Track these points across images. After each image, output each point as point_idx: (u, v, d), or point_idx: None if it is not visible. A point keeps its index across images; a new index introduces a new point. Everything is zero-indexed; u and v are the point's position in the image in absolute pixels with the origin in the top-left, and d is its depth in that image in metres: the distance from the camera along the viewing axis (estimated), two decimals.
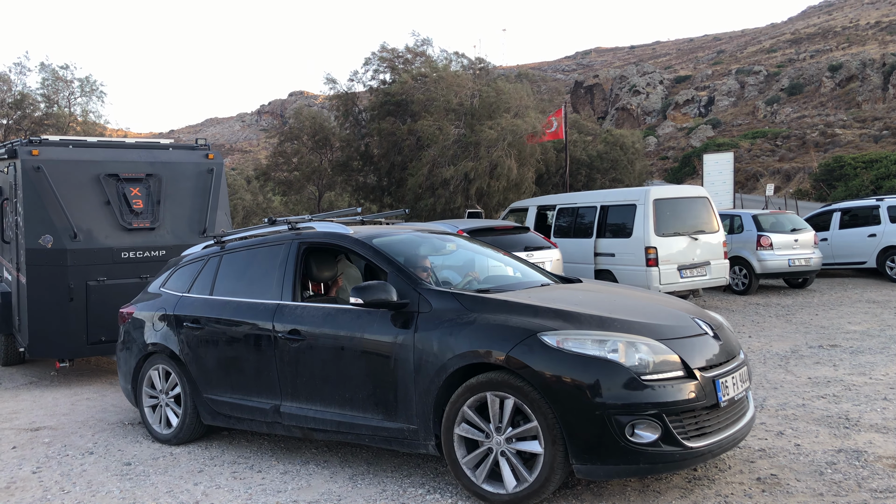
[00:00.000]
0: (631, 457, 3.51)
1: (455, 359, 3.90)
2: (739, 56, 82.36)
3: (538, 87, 31.86)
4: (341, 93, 24.52)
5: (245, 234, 5.68)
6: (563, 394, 3.57)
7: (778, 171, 39.28)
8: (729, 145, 43.50)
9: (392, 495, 4.13)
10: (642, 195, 10.84)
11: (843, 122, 45.62)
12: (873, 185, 27.53)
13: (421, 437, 4.10)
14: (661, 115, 67.61)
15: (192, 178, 8.27)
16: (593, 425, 3.52)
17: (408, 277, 4.37)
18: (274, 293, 4.93)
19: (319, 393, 4.55)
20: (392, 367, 4.17)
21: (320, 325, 4.56)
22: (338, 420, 4.45)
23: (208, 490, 4.40)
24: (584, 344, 3.66)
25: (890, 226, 13.61)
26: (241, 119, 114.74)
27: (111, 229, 7.67)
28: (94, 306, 7.51)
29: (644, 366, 3.60)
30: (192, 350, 5.28)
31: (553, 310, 3.95)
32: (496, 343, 3.80)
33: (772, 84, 63.53)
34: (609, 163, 25.14)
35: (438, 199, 20.40)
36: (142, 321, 5.77)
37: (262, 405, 4.86)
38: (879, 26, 71.96)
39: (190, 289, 5.59)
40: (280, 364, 4.73)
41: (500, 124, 19.85)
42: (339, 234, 4.95)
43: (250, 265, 5.29)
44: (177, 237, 7.96)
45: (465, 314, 4.01)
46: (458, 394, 3.89)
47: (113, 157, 7.90)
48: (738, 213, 13.89)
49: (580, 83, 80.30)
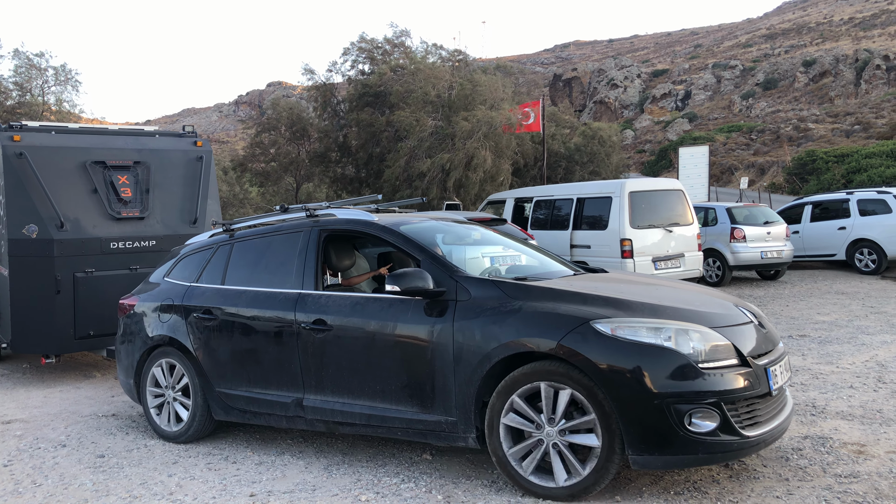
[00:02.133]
0: (690, 447, 3.45)
1: (500, 348, 3.78)
2: (716, 51, 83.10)
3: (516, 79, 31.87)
4: (319, 83, 24.37)
5: (255, 222, 5.49)
6: (620, 383, 3.49)
7: (752, 165, 39.79)
8: (705, 139, 43.94)
9: (367, 484, 4.16)
10: (618, 188, 10.93)
11: (816, 116, 46.27)
12: (844, 179, 27.99)
13: (460, 430, 3.97)
14: (638, 109, 68.04)
15: (182, 165, 8.02)
16: (652, 415, 3.44)
17: (443, 265, 4.22)
18: (294, 282, 4.73)
19: (347, 385, 4.37)
20: (429, 357, 4.03)
21: (348, 315, 4.38)
22: (367, 413, 4.28)
23: (182, 481, 4.40)
24: (639, 332, 3.58)
25: (859, 219, 13.87)
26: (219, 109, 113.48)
27: (99, 218, 7.38)
28: (82, 299, 7.22)
29: (700, 354, 3.54)
30: (204, 342, 5.06)
31: (602, 297, 3.86)
32: (546, 331, 3.69)
33: (747, 79, 64.21)
34: (587, 155, 25.26)
35: (416, 190, 20.39)
36: (145, 313, 5.54)
37: (282, 399, 4.66)
38: (853, 22, 72.99)
39: (198, 278, 5.36)
40: (303, 355, 4.54)
41: (476, 116, 19.88)
42: (364, 221, 4.75)
43: (266, 253, 5.07)
44: (167, 227, 7.72)
45: (509, 302, 3.89)
46: (505, 384, 3.77)
47: (99, 144, 7.62)
48: (713, 206, 14.07)
49: (559, 76, 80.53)
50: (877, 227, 13.55)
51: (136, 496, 4.19)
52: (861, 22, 71.48)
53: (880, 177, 25.90)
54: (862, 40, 62.47)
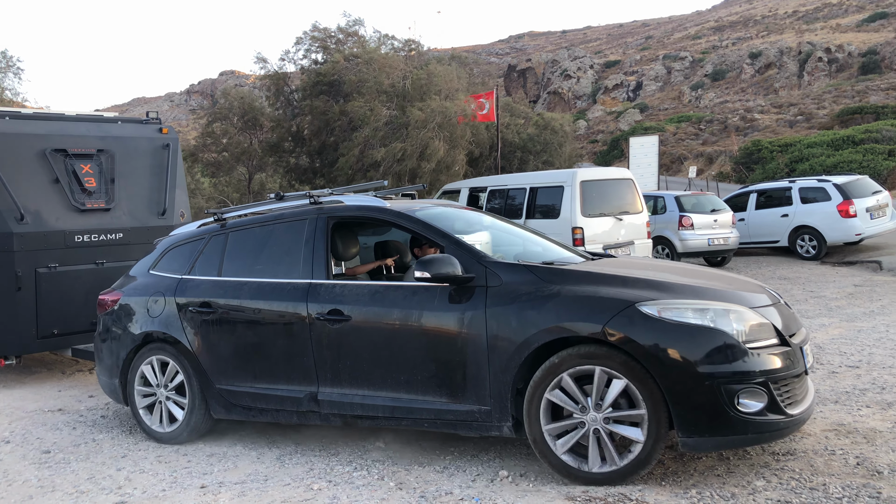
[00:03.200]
0: (740, 427, 3.46)
1: (540, 334, 3.70)
2: (666, 42, 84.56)
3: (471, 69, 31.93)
4: (272, 72, 24.03)
5: (248, 211, 5.27)
6: (671, 365, 3.47)
7: (701, 155, 40.69)
8: (655, 129, 44.74)
9: (319, 473, 4.18)
10: (569, 177, 11.09)
11: (762, 107, 47.53)
12: (788, 168, 28.85)
13: (495, 419, 3.88)
14: (591, 100, 68.88)
15: (148, 154, 7.63)
16: (703, 396, 3.44)
17: (468, 251, 4.11)
18: (302, 272, 4.53)
19: (368, 377, 4.22)
20: (459, 345, 3.92)
21: (368, 304, 4.23)
22: (391, 405, 4.14)
23: (132, 475, 4.34)
24: (685, 313, 3.57)
25: (801, 206, 14.34)
26: (170, 99, 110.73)
27: (62, 210, 6.92)
28: (46, 296, 6.77)
29: (744, 334, 3.55)
30: (202, 337, 4.82)
31: (643, 280, 3.82)
32: (590, 315, 3.63)
33: (696, 70, 65.54)
34: (540, 145, 25.51)
35: (370, 180, 20.33)
36: (132, 308, 5.22)
37: (293, 394, 4.46)
38: (796, 15, 75.07)
39: (190, 270, 5.09)
40: (317, 347, 4.36)
41: (431, 106, 19.89)
42: (377, 208, 4.59)
43: (267, 243, 4.85)
44: (135, 218, 7.36)
45: (545, 286, 3.82)
46: (543, 373, 3.69)
47: (58, 131, 7.13)
48: (662, 195, 14.38)
49: (513, 67, 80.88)
50: (817, 215, 14.03)
51: (82, 491, 4.13)
52: (804, 15, 73.59)
53: (821, 165, 26.79)
54: (805, 33, 64.33)
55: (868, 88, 43.02)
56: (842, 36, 60.19)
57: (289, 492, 3.91)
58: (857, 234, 13.68)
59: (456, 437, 4.60)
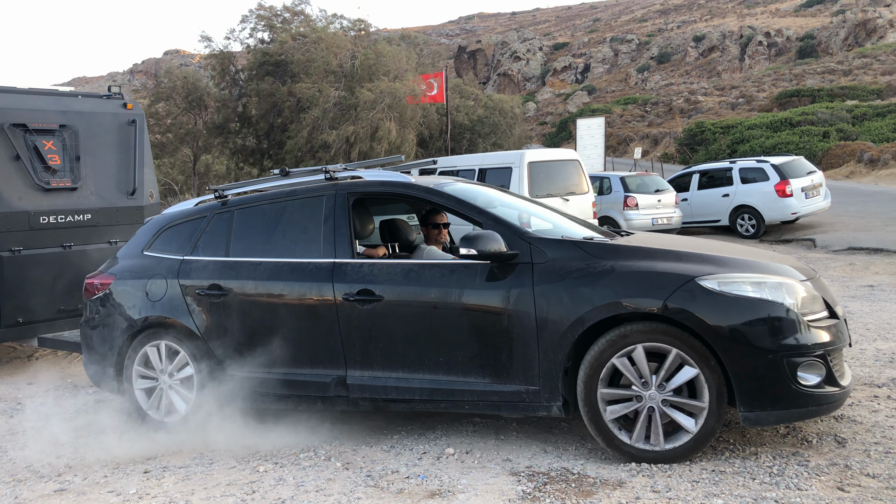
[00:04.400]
0: (801, 400, 3.47)
1: (596, 311, 3.61)
2: (614, 25, 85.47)
3: (420, 50, 31.75)
4: (217, 52, 23.46)
5: (252, 188, 4.96)
6: (734, 340, 3.45)
7: (647, 136, 41.44)
8: (603, 111, 45.34)
9: (265, 455, 4.17)
10: (517, 158, 11.18)
11: (705, 89, 48.59)
12: (729, 150, 29.65)
13: (543, 399, 3.77)
14: (540, 82, 69.29)
15: (113, 130, 7.18)
16: (766, 370, 3.44)
17: (508, 227, 3.97)
18: (323, 250, 4.31)
19: (402, 359, 4.05)
20: (505, 324, 3.80)
21: (401, 284, 4.05)
22: (429, 388, 3.99)
23: (72, 462, 4.26)
24: (742, 287, 3.55)
25: (741, 186, 14.78)
26: (113, 78, 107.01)
27: (25, 189, 6.42)
28: (9, 282, 6.31)
29: (801, 306, 3.55)
30: (211, 321, 4.51)
31: (696, 254, 3.79)
32: (649, 291, 3.57)
33: (643, 52, 66.52)
34: (489, 127, 25.63)
35: (319, 162, 20.12)
36: (128, 291, 4.84)
37: (319, 378, 4.25)
38: (738, 0, 76.69)
39: (192, 251, 4.75)
40: (346, 329, 4.15)
41: (380, 87, 19.74)
42: (403, 183, 4.38)
43: (279, 221, 4.57)
44: (103, 198, 6.90)
45: (597, 262, 3.73)
46: (601, 347, 3.62)
47: (15, 104, 6.59)
48: (608, 176, 14.63)
49: (463, 48, 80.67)
50: (756, 194, 14.49)
51: (20, 480, 4.04)
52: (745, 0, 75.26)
53: (761, 147, 27.60)
54: (746, 17, 65.88)
55: (805, 72, 44.39)
56: (781, 20, 61.86)
57: (234, 474, 3.90)
58: (793, 213, 14.19)
59: (404, 416, 4.65)
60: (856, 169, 24.29)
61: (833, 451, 3.65)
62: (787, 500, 3.14)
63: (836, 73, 41.91)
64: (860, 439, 3.80)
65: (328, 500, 3.50)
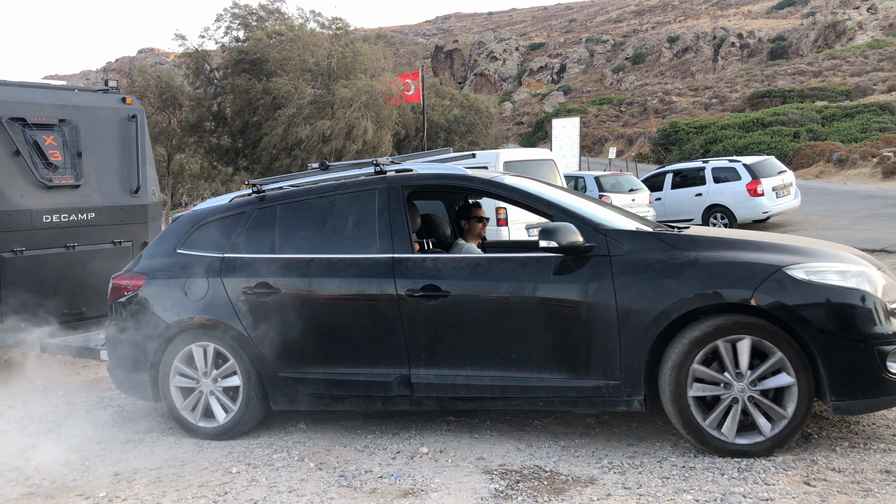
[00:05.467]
0: (890, 388, 3.46)
1: (682, 303, 3.56)
2: (589, 25, 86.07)
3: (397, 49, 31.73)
4: (192, 50, 23.23)
5: (288, 183, 4.78)
6: (824, 329, 3.44)
7: (622, 136, 41.80)
8: (578, 111, 45.63)
9: (238, 456, 4.14)
10: (493, 158, 11.19)
11: (679, 90, 49.13)
12: (703, 149, 30.02)
13: (624, 393, 3.70)
14: (516, 81, 69.57)
15: (114, 126, 6.82)
16: (857, 359, 3.44)
17: (581, 219, 3.89)
18: (380, 246, 4.18)
19: (471, 356, 3.95)
20: (584, 318, 3.73)
21: (469, 279, 3.96)
22: (501, 385, 3.90)
23: (41, 465, 4.19)
24: (828, 276, 3.54)
25: (714, 186, 14.97)
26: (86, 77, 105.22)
27: (27, 186, 6.04)
28: (12, 285, 5.91)
29: (882, 294, 3.55)
30: (260, 321, 4.31)
31: (776, 244, 3.78)
32: (738, 281, 3.54)
33: (618, 53, 67.07)
34: (466, 126, 25.68)
35: (294, 159, 20.02)
36: (163, 291, 4.59)
37: (379, 377, 4.12)
38: (711, 1, 77.66)
39: (233, 248, 4.54)
40: (409, 326, 4.03)
41: (356, 85, 19.68)
42: (460, 176, 4.29)
43: (328, 216, 4.41)
44: (107, 197, 6.54)
45: (678, 253, 3.69)
46: (690, 340, 3.56)
47: (12, 97, 6.20)
48: (582, 175, 14.73)
49: (440, 48, 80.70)
50: (728, 194, 14.69)
51: None
52: (718, 1, 76.24)
53: (733, 147, 27.98)
54: (719, 19, 66.73)
55: (776, 73, 45.07)
56: (753, 22, 62.74)
57: (206, 476, 3.87)
58: (764, 213, 14.40)
59: (377, 416, 4.64)
60: (825, 169, 24.73)
61: (799, 447, 3.71)
62: (754, 495, 3.20)
63: (806, 75, 42.63)
64: (826, 434, 3.88)
65: (301, 500, 3.49)
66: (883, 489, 3.19)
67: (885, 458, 3.51)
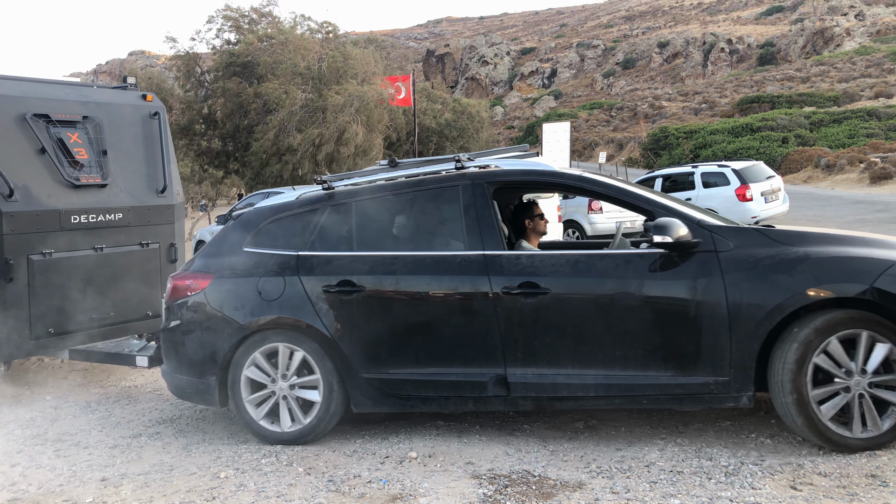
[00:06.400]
0: None
1: (796, 297, 3.58)
2: (580, 30, 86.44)
3: (388, 53, 31.77)
4: (183, 53, 23.17)
5: (358, 180, 4.65)
6: None
7: (612, 141, 41.98)
8: (569, 116, 45.83)
9: (226, 461, 4.13)
10: None
11: (669, 95, 49.40)
12: (692, 154, 30.21)
13: (734, 389, 3.71)
14: (507, 86, 69.76)
15: (137, 123, 6.62)
16: None
17: (684, 216, 3.87)
18: (468, 243, 4.10)
19: (572, 354, 3.90)
20: (693, 315, 3.72)
21: (570, 276, 3.92)
22: (604, 383, 3.85)
23: (27, 471, 4.17)
24: None
25: (703, 191, 15.04)
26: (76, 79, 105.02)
27: (55, 185, 5.80)
28: (40, 288, 5.67)
29: None
30: (343, 320, 4.19)
31: (877, 239, 3.85)
32: (853, 275, 3.58)
33: (608, 58, 67.38)
34: (457, 131, 25.74)
35: (285, 165, 19.98)
36: (233, 291, 4.39)
37: (473, 377, 4.03)
38: (701, 7, 78.18)
39: (309, 246, 4.39)
40: (505, 325, 3.96)
41: (348, 90, 19.68)
42: (549, 172, 4.27)
43: (408, 213, 4.36)
44: (134, 197, 6.31)
45: (787, 249, 3.71)
46: (808, 335, 3.57)
47: (35, 93, 6.00)
48: None
49: (432, 52, 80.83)
50: (717, 198, 14.73)
51: None
52: (708, 7, 76.76)
53: (723, 152, 28.17)
54: (709, 24, 67.16)
55: (765, 79, 45.42)
56: (742, 28, 63.20)
57: (194, 481, 3.85)
58: (752, 217, 14.46)
59: (368, 420, 4.64)
60: (813, 174, 24.93)
61: (786, 451, 3.74)
62: (741, 499, 3.22)
63: (794, 80, 42.98)
64: None
65: None
66: (868, 493, 3.22)
67: (871, 462, 3.53)
